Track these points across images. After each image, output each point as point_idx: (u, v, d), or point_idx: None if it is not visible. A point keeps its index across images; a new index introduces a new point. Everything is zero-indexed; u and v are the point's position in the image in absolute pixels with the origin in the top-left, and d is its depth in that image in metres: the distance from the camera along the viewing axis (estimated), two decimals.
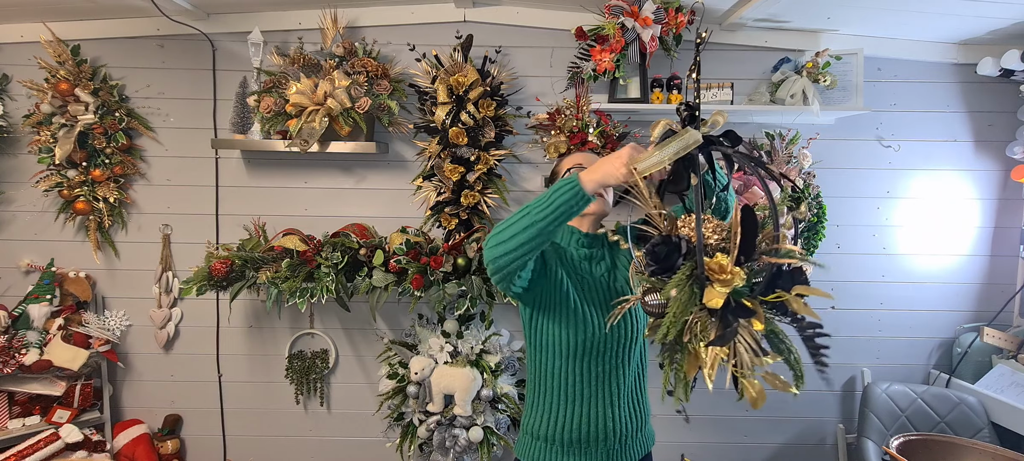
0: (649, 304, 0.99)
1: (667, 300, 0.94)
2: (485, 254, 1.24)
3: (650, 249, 0.98)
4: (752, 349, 0.88)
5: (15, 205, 2.40)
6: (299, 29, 2.32)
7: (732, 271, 0.89)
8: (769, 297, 0.89)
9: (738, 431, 2.51)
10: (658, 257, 0.96)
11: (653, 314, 0.99)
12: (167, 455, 2.43)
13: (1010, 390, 2.12)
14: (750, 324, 0.88)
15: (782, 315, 0.92)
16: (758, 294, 0.90)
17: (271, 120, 2.19)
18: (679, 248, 0.95)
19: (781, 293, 0.89)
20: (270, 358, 2.47)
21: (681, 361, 0.95)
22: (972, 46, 2.33)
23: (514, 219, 1.19)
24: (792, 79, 2.18)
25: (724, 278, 0.89)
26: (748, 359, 0.88)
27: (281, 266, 2.13)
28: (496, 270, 1.24)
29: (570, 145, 2.14)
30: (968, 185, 2.41)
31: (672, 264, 0.95)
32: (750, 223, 0.90)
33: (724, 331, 0.87)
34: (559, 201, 1.14)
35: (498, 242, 1.21)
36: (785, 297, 0.88)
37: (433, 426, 2.23)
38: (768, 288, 0.90)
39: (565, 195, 1.14)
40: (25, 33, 2.32)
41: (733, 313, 0.88)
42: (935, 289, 2.44)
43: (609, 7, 2.11)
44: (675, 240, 0.96)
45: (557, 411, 1.43)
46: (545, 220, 1.15)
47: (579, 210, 1.15)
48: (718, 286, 0.89)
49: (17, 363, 2.14)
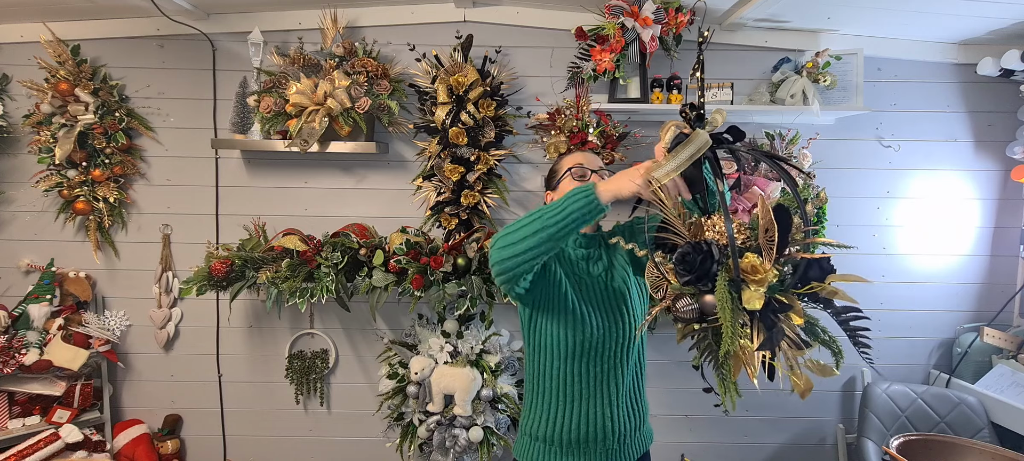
0: (681, 310, 0.97)
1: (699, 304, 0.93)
2: (491, 255, 1.22)
3: (680, 258, 0.96)
4: (795, 343, 0.88)
5: (15, 205, 2.40)
6: (299, 29, 2.32)
7: (766, 269, 0.88)
8: (803, 289, 0.89)
9: (738, 431, 2.51)
10: (692, 266, 0.93)
11: (685, 320, 0.97)
12: (167, 455, 2.43)
13: (1010, 390, 2.12)
14: (789, 319, 0.88)
15: (813, 303, 0.93)
16: (791, 287, 0.90)
17: (271, 120, 2.19)
18: (711, 254, 0.93)
19: (816, 284, 0.89)
20: (270, 358, 2.47)
21: (728, 367, 0.94)
22: (972, 46, 2.33)
23: (523, 222, 1.18)
24: (792, 79, 2.18)
25: (759, 278, 0.88)
26: (791, 353, 0.88)
27: (281, 266, 2.13)
28: (502, 272, 1.22)
29: (570, 145, 2.14)
30: (968, 185, 2.41)
31: (707, 270, 0.93)
32: (784, 221, 0.90)
33: (770, 332, 0.87)
34: (572, 208, 1.12)
35: (506, 244, 1.19)
36: (820, 287, 0.89)
37: (433, 426, 2.23)
38: (801, 280, 0.90)
39: (579, 203, 1.12)
40: (25, 33, 2.32)
41: (773, 311, 0.88)
42: (935, 289, 2.44)
43: (609, 7, 2.11)
44: (705, 247, 0.95)
45: (555, 411, 1.43)
46: (556, 226, 1.13)
47: (592, 219, 1.13)
48: (754, 287, 0.88)
49: (17, 363, 2.14)
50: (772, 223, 0.89)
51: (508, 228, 1.21)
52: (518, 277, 1.23)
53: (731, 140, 1.03)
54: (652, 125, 2.34)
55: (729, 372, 0.94)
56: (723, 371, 0.96)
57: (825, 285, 0.89)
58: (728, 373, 0.94)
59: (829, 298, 0.90)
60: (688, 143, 0.99)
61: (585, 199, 1.11)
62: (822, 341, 0.93)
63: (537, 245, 1.16)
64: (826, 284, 0.89)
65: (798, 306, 0.89)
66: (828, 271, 0.90)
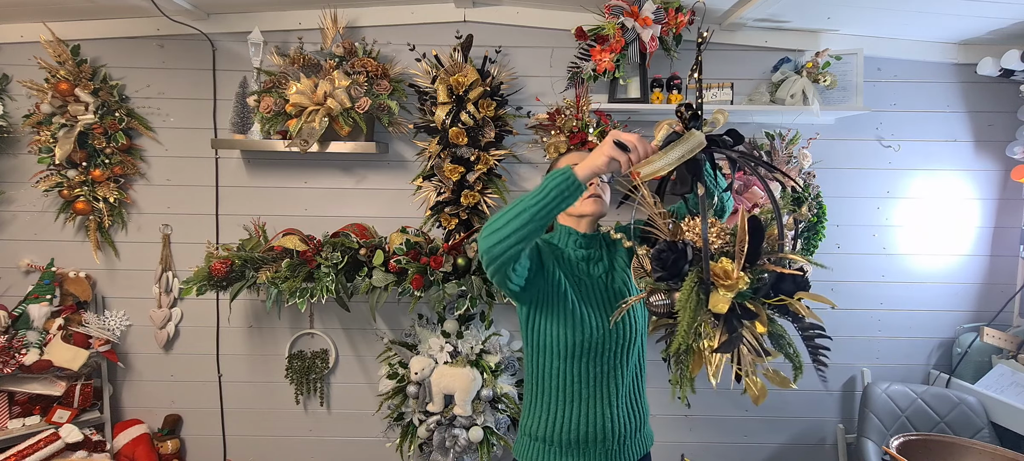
0: (654, 304, 1.00)
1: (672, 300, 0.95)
2: (479, 244, 1.24)
3: (656, 255, 0.98)
4: (755, 350, 0.90)
5: (15, 205, 2.40)
6: (299, 29, 2.32)
7: (737, 276, 0.89)
8: (772, 300, 0.91)
9: (738, 431, 2.51)
10: (665, 263, 0.96)
11: (657, 314, 1.00)
12: (167, 455, 2.43)
13: (1010, 390, 2.12)
14: (753, 326, 0.89)
15: (783, 315, 0.94)
16: (761, 297, 0.91)
17: (271, 120, 2.19)
18: (685, 254, 0.96)
19: (784, 297, 0.90)
20: (270, 358, 2.47)
21: (687, 361, 0.96)
22: (972, 46, 2.33)
23: (507, 209, 1.20)
24: (792, 79, 2.18)
25: (729, 283, 0.89)
26: (751, 359, 0.90)
27: (281, 266, 2.13)
28: (491, 260, 1.23)
29: (570, 145, 2.14)
30: (968, 185, 2.41)
31: (679, 270, 0.96)
32: (757, 232, 0.92)
33: (730, 337, 0.88)
34: (551, 186, 1.15)
35: (491, 230, 1.21)
36: (788, 301, 0.90)
37: (433, 426, 2.23)
38: (772, 291, 0.91)
39: (557, 181, 1.15)
40: (25, 33, 2.32)
41: (738, 318, 0.89)
42: (935, 289, 2.44)
43: (609, 7, 2.12)
44: (681, 246, 0.97)
45: (555, 412, 1.43)
46: (538, 207, 1.15)
47: (573, 199, 1.16)
48: (723, 291, 0.89)
49: (17, 363, 2.14)
50: (746, 232, 0.91)
51: (493, 217, 1.23)
52: (507, 264, 1.24)
53: (731, 142, 1.03)
54: (652, 125, 2.33)
55: (687, 367, 0.96)
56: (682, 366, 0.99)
57: (792, 300, 0.90)
58: (686, 368, 0.97)
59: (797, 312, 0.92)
60: (680, 143, 1.00)
61: (563, 177, 1.15)
62: (785, 353, 0.95)
63: (521, 227, 1.17)
64: (794, 299, 0.90)
65: (763, 315, 0.90)
66: (801, 287, 0.92)
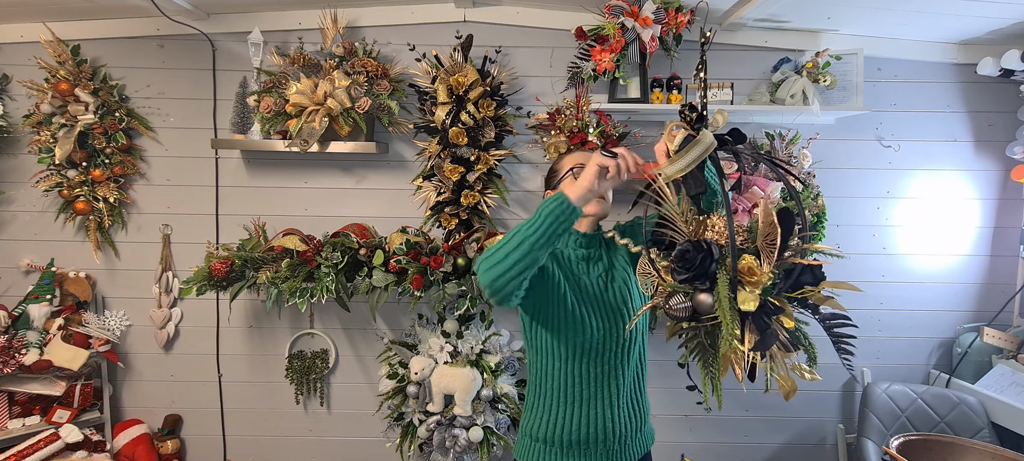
0: (674, 308, 0.97)
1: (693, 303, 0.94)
2: (479, 278, 1.20)
3: (680, 256, 0.95)
4: (783, 345, 0.89)
5: (15, 205, 2.40)
6: (299, 29, 2.32)
7: (761, 272, 0.89)
8: (795, 293, 0.90)
9: (738, 431, 2.51)
10: (691, 263, 0.94)
11: (677, 318, 0.97)
12: (167, 455, 2.42)
13: (1010, 390, 2.12)
14: (781, 322, 0.89)
15: (802, 308, 0.93)
16: (782, 291, 0.91)
17: (271, 120, 2.19)
18: (712, 253, 0.94)
19: (808, 289, 0.90)
20: (270, 358, 2.47)
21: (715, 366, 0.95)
22: (972, 46, 2.33)
23: (505, 241, 1.18)
24: (792, 79, 2.18)
25: (755, 279, 0.89)
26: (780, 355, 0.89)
27: (281, 266, 2.13)
28: (493, 292, 1.20)
29: (570, 145, 2.14)
30: (968, 185, 2.41)
31: (706, 269, 0.93)
32: (788, 224, 0.91)
33: (763, 335, 0.87)
34: (546, 212, 1.15)
35: (492, 264, 1.18)
36: (812, 293, 0.89)
37: (433, 426, 2.23)
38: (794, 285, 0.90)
39: (551, 208, 1.15)
40: (25, 33, 2.32)
41: (767, 314, 0.89)
42: (935, 289, 2.44)
43: (609, 7, 2.11)
44: (705, 245, 0.95)
45: (556, 412, 1.43)
46: (535, 236, 1.15)
47: (569, 224, 1.17)
48: (750, 288, 0.89)
49: (17, 363, 2.14)
50: (775, 226, 0.90)
51: (490, 250, 1.20)
52: (509, 294, 1.21)
53: (732, 141, 1.03)
54: (652, 125, 2.34)
55: (718, 371, 0.95)
56: (712, 370, 0.97)
57: (817, 291, 0.90)
58: (717, 372, 0.95)
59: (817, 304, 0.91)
60: (695, 144, 0.99)
61: (557, 205, 1.15)
62: (803, 345, 0.95)
63: (521, 258, 1.16)
64: (818, 290, 0.90)
65: (789, 309, 0.90)
66: (820, 278, 0.91)
